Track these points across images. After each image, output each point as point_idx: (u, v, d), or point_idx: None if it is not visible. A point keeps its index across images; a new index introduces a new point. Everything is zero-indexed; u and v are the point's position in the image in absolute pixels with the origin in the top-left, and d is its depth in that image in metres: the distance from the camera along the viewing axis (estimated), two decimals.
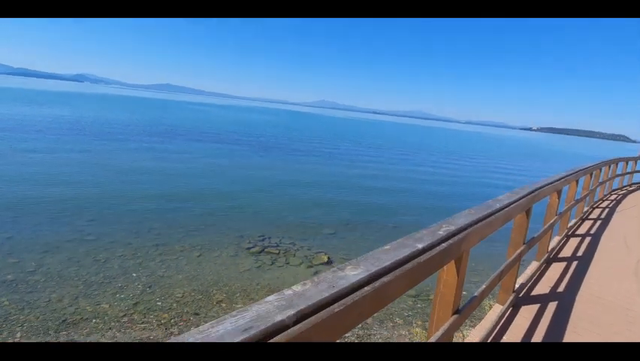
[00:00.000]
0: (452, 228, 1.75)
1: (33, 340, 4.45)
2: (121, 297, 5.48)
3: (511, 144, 79.07)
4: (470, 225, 1.90)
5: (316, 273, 6.99)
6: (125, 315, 5.08)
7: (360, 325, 5.33)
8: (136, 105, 69.12)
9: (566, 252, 5.56)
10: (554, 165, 38.71)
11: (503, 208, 2.39)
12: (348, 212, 11.51)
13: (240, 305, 5.61)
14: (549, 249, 5.04)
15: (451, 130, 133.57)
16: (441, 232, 1.67)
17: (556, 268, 4.84)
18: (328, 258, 7.58)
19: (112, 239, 7.56)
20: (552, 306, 3.76)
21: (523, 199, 2.88)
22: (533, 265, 4.67)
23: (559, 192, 4.53)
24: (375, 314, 5.88)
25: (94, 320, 4.89)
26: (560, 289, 4.23)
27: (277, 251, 7.78)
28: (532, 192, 3.21)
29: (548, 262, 5.04)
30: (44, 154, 15.19)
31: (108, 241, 7.44)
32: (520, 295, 3.95)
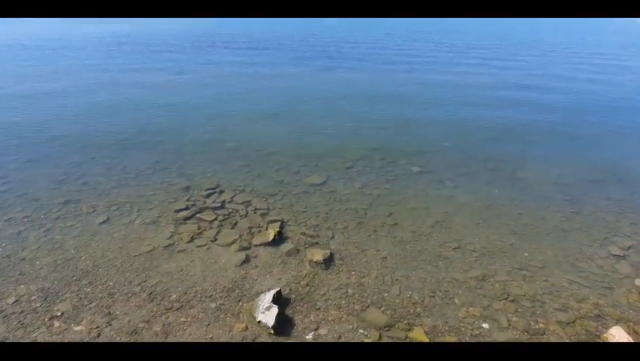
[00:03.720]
0: None
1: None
2: None
3: None
4: None
5: (244, 263, 4.58)
6: None
7: None
8: None
9: None
10: None
11: None
12: (370, 141, 8.35)
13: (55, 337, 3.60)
14: None
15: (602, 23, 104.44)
16: None
17: None
18: (277, 233, 5.02)
19: (23, 191, 6.00)
20: None
21: None
22: None
23: None
24: None
25: None
26: None
27: (214, 217, 5.45)
28: None
29: None
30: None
31: (16, 195, 5.90)
32: None
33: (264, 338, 3.54)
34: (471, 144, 8.69)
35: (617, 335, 3.50)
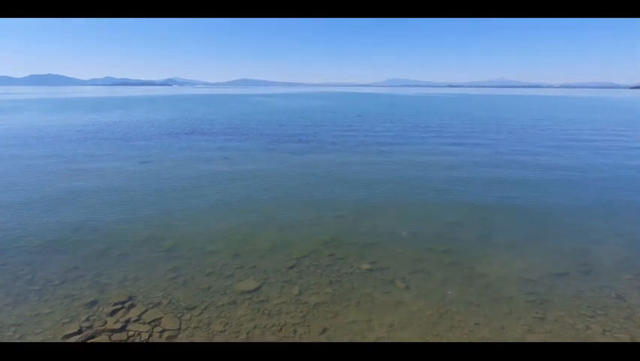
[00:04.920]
0: None
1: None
2: None
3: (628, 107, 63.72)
4: None
5: None
6: None
7: None
8: (199, 102, 71.29)
9: None
10: None
11: None
12: (323, 233, 7.74)
13: None
14: None
15: (540, 97, 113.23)
16: None
17: None
18: None
19: None
20: None
21: None
22: None
23: None
24: None
25: None
26: None
27: (107, 340, 4.53)
28: None
29: None
30: None
31: None
32: None
33: None
34: (430, 234, 8.14)
35: None
